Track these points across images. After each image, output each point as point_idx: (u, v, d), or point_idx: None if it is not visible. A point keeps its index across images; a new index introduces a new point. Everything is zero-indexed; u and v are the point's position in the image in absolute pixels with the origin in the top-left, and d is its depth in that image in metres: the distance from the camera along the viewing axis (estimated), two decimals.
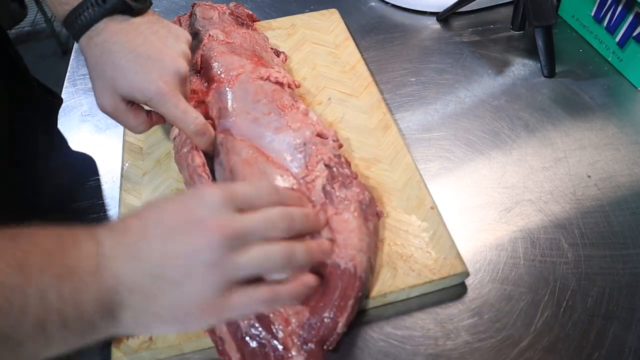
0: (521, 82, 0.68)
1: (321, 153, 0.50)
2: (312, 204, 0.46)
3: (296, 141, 0.51)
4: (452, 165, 0.58)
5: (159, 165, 0.58)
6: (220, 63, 0.59)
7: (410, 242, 0.49)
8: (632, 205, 0.53)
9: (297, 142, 0.51)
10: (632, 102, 0.64)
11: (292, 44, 0.73)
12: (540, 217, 0.52)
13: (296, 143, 0.51)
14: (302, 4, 0.84)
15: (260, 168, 0.49)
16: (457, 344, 0.44)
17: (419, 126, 0.63)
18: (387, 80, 0.69)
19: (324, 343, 0.41)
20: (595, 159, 0.57)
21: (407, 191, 0.53)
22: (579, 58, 0.70)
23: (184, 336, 0.44)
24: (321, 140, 0.52)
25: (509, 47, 0.73)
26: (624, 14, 0.65)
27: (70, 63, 0.78)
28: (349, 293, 0.42)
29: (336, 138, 0.53)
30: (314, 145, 0.51)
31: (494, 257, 0.50)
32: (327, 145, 0.51)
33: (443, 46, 0.74)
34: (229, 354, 0.41)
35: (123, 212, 0.54)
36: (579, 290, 0.47)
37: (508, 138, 0.60)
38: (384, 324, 0.46)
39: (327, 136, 0.53)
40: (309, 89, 0.66)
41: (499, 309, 0.46)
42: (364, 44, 0.75)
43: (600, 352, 0.43)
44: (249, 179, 0.48)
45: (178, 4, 0.88)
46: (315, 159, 0.50)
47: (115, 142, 0.64)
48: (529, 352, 0.43)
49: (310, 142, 0.51)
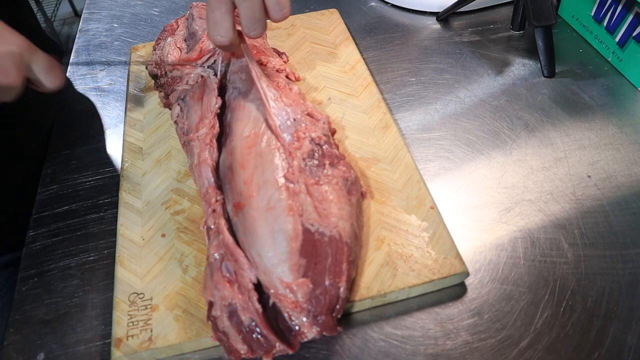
0: (521, 82, 0.68)
1: (309, 131, 0.51)
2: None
3: (288, 113, 0.53)
4: (452, 165, 0.58)
5: (159, 165, 0.58)
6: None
7: (410, 242, 0.49)
8: (632, 205, 0.53)
9: (288, 114, 0.53)
10: (632, 102, 0.64)
11: (292, 44, 0.73)
12: (540, 217, 0.52)
13: (287, 114, 0.53)
14: (302, 4, 0.84)
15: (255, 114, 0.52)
16: (457, 344, 0.44)
17: (419, 126, 0.63)
18: (387, 80, 0.69)
19: (332, 312, 0.42)
20: (595, 159, 0.57)
21: (407, 191, 0.53)
22: (579, 58, 0.70)
23: (184, 336, 0.44)
24: (312, 120, 0.53)
25: (509, 47, 0.73)
26: (623, 14, 0.65)
27: (70, 62, 0.78)
28: (340, 257, 0.43)
29: (328, 123, 0.55)
30: (303, 122, 0.52)
31: (494, 257, 0.50)
32: (318, 125, 0.53)
33: (443, 46, 0.74)
34: (235, 347, 0.41)
35: (123, 212, 0.54)
36: (579, 290, 0.47)
37: (508, 138, 0.60)
38: (384, 324, 0.46)
39: (319, 119, 0.54)
40: (309, 88, 0.66)
41: (499, 309, 0.46)
42: (364, 44, 0.75)
43: (600, 352, 0.43)
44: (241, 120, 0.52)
45: (178, 4, 0.88)
46: (302, 135, 0.51)
47: (115, 142, 0.64)
48: (529, 352, 0.43)
49: (301, 120, 0.52)
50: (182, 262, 0.49)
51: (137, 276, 0.49)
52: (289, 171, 0.48)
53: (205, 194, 0.50)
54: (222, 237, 0.45)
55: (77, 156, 0.63)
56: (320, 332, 0.40)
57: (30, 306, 0.49)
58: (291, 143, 0.50)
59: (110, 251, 0.52)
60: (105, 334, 0.47)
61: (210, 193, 0.50)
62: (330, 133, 0.55)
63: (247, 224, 0.45)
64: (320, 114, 0.55)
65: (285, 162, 0.48)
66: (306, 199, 0.46)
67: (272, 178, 0.47)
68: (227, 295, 0.43)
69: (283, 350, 0.41)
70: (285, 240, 0.44)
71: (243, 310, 0.42)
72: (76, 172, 0.61)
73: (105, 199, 0.58)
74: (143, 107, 0.66)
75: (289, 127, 0.51)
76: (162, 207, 0.54)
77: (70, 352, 0.46)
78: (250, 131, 0.51)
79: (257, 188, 0.47)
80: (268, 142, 0.50)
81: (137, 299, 0.47)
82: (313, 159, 0.50)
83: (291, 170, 0.48)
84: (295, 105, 0.54)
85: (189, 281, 0.48)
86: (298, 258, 0.43)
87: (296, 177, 0.47)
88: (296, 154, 0.49)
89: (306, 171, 0.48)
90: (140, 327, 0.45)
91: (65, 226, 0.55)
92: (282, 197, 0.46)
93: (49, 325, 0.48)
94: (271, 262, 0.43)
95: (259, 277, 0.43)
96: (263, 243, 0.44)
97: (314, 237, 0.44)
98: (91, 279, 0.51)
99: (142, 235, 0.52)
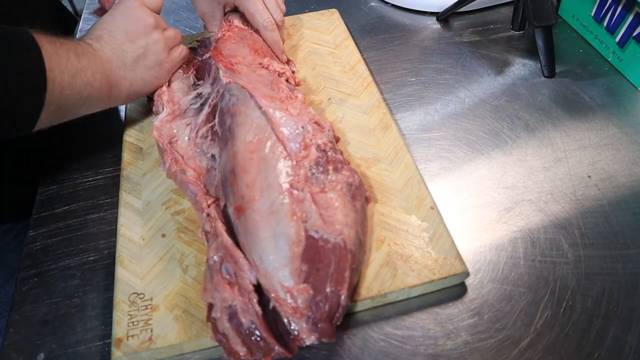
0: (521, 82, 0.68)
1: (316, 138, 0.51)
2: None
3: (296, 122, 0.52)
4: (452, 165, 0.58)
5: (159, 165, 0.58)
6: (229, 47, 0.62)
7: (410, 242, 0.49)
8: (632, 205, 0.53)
9: (294, 124, 0.52)
10: (632, 102, 0.64)
11: (292, 44, 0.73)
12: (540, 217, 0.52)
13: (295, 124, 0.52)
14: (302, 4, 0.84)
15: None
16: (457, 344, 0.44)
17: (419, 126, 0.63)
18: (387, 80, 0.69)
19: (332, 319, 0.41)
20: (595, 159, 0.57)
21: (407, 191, 0.53)
22: (579, 58, 0.70)
23: (184, 336, 0.44)
24: (318, 127, 0.53)
25: (509, 47, 0.73)
26: (624, 14, 0.65)
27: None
28: (343, 265, 0.43)
29: (332, 130, 0.54)
30: (310, 130, 0.52)
31: (494, 257, 0.50)
32: (323, 132, 0.53)
33: (443, 46, 0.74)
34: (235, 349, 0.41)
35: (123, 212, 0.54)
36: (579, 290, 0.47)
37: (508, 138, 0.60)
38: (384, 324, 0.46)
39: (324, 127, 0.54)
40: (309, 89, 0.66)
41: (499, 309, 0.46)
42: (364, 44, 0.75)
43: (600, 352, 0.43)
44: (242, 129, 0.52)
45: (178, 4, 0.88)
46: (309, 142, 0.51)
47: (115, 142, 0.64)
48: (529, 352, 0.43)
49: (307, 127, 0.52)
50: (182, 262, 0.49)
51: (137, 276, 0.49)
52: (295, 179, 0.47)
53: (195, 202, 0.50)
54: (221, 240, 0.45)
55: (77, 156, 0.63)
56: (319, 339, 0.40)
57: (30, 306, 0.49)
58: (298, 152, 0.50)
59: (110, 251, 0.52)
60: (106, 334, 0.46)
61: (200, 200, 0.50)
62: (334, 140, 0.54)
63: (248, 227, 0.45)
64: (325, 121, 0.54)
65: (291, 170, 0.48)
66: (311, 207, 0.46)
67: (276, 182, 0.47)
68: (227, 297, 0.43)
69: (282, 353, 0.41)
70: (287, 244, 0.44)
71: (243, 312, 0.42)
72: (76, 172, 0.61)
73: (105, 199, 0.58)
74: (143, 107, 0.66)
75: (297, 135, 0.51)
76: (162, 207, 0.54)
77: (70, 352, 0.46)
78: (254, 137, 0.51)
79: (260, 192, 0.47)
80: (272, 148, 0.50)
81: (138, 299, 0.47)
82: (319, 165, 0.49)
83: (297, 178, 0.47)
84: (302, 114, 0.54)
85: (189, 281, 0.48)
86: (300, 263, 0.43)
87: (302, 186, 0.47)
88: (303, 163, 0.49)
89: (312, 179, 0.48)
90: (141, 327, 0.45)
91: (65, 226, 0.55)
92: (285, 202, 0.46)
93: (49, 325, 0.48)
94: (272, 266, 0.43)
95: (259, 280, 0.43)
96: (265, 246, 0.44)
97: (317, 244, 0.44)
98: (91, 279, 0.51)
99: (142, 235, 0.52)
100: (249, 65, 0.60)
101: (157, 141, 0.56)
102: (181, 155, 0.55)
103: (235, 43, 0.63)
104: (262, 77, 0.58)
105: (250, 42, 0.64)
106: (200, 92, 0.61)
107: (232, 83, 0.56)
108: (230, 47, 0.62)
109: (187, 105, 0.60)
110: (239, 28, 0.66)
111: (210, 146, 0.55)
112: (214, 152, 0.54)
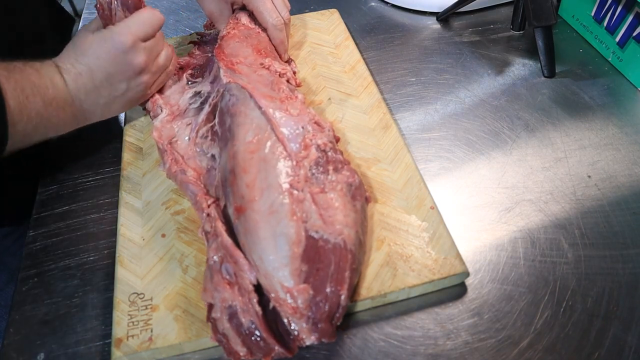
0: (521, 82, 0.68)
1: (316, 138, 0.51)
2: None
3: (296, 123, 0.52)
4: (452, 165, 0.58)
5: (159, 165, 0.58)
6: (231, 46, 0.62)
7: (410, 242, 0.49)
8: (632, 205, 0.53)
9: (295, 124, 0.52)
10: (632, 102, 0.64)
11: (292, 44, 0.73)
12: (540, 217, 0.52)
13: (295, 124, 0.52)
14: (302, 4, 0.84)
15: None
16: (457, 344, 0.44)
17: (419, 126, 0.63)
18: (387, 80, 0.69)
19: (332, 319, 0.41)
20: (595, 159, 0.57)
21: (407, 191, 0.53)
22: (579, 58, 0.70)
23: (184, 336, 0.44)
24: (318, 127, 0.53)
25: (509, 47, 0.73)
26: (624, 14, 0.65)
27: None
28: (343, 265, 0.43)
29: (332, 130, 0.54)
30: (310, 130, 0.52)
31: (494, 257, 0.50)
32: (324, 132, 0.53)
33: (443, 46, 0.74)
34: (235, 349, 0.41)
35: (123, 212, 0.54)
36: (579, 290, 0.47)
37: (508, 138, 0.60)
38: (384, 324, 0.46)
39: (324, 127, 0.54)
40: (309, 89, 0.66)
41: (499, 309, 0.46)
42: (364, 44, 0.75)
43: (600, 352, 0.43)
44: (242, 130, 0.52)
45: (178, 4, 0.88)
46: (309, 142, 0.51)
47: (115, 142, 0.64)
48: (529, 352, 0.43)
49: (307, 127, 0.52)
50: (182, 262, 0.49)
51: (137, 276, 0.49)
52: (295, 179, 0.47)
53: (196, 203, 0.50)
54: (221, 240, 0.45)
55: (77, 156, 0.63)
56: (318, 339, 0.40)
57: (30, 306, 0.49)
58: (298, 152, 0.50)
59: (110, 251, 0.52)
60: (106, 334, 0.46)
61: (200, 200, 0.50)
62: (334, 140, 0.54)
63: (248, 227, 0.45)
64: (325, 122, 0.54)
65: (291, 170, 0.48)
66: (311, 207, 0.46)
67: (276, 183, 0.47)
68: (227, 297, 0.43)
69: (282, 353, 0.41)
70: (287, 244, 0.44)
71: (243, 312, 0.42)
72: (76, 172, 0.61)
73: (105, 199, 0.58)
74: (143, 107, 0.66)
75: (297, 135, 0.51)
76: (162, 207, 0.54)
77: (70, 352, 0.46)
78: (254, 137, 0.51)
79: (260, 192, 0.47)
80: (272, 148, 0.50)
81: (138, 299, 0.47)
82: (319, 165, 0.49)
83: (297, 178, 0.47)
84: (302, 114, 0.54)
85: (189, 281, 0.48)
86: (300, 263, 0.43)
87: (302, 186, 0.47)
88: (303, 163, 0.49)
89: (312, 180, 0.48)
90: (141, 327, 0.45)
91: (65, 226, 0.55)
92: (286, 202, 0.46)
93: (49, 325, 0.48)
94: (272, 266, 0.43)
95: (259, 280, 0.43)
96: (265, 246, 0.44)
97: (317, 244, 0.44)
98: (91, 279, 0.51)
99: (142, 235, 0.52)
100: (250, 65, 0.60)
101: (157, 142, 0.56)
102: (181, 155, 0.55)
103: (239, 42, 0.63)
104: (262, 77, 0.58)
105: (255, 41, 0.64)
106: (198, 90, 0.60)
107: (232, 83, 0.56)
108: (233, 46, 0.62)
109: (187, 104, 0.60)
110: (245, 27, 0.66)
111: (210, 146, 0.55)
112: (214, 152, 0.54)
